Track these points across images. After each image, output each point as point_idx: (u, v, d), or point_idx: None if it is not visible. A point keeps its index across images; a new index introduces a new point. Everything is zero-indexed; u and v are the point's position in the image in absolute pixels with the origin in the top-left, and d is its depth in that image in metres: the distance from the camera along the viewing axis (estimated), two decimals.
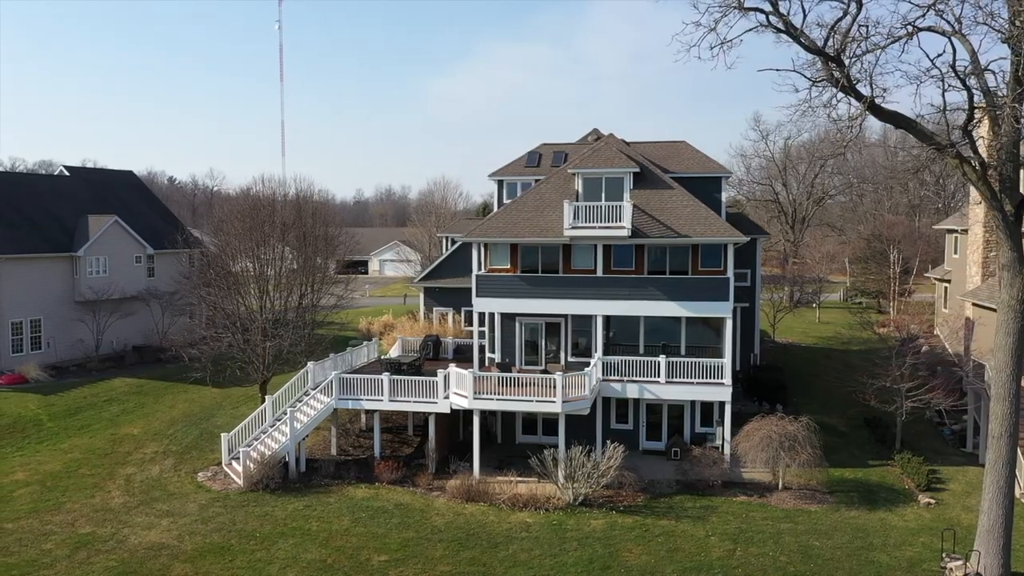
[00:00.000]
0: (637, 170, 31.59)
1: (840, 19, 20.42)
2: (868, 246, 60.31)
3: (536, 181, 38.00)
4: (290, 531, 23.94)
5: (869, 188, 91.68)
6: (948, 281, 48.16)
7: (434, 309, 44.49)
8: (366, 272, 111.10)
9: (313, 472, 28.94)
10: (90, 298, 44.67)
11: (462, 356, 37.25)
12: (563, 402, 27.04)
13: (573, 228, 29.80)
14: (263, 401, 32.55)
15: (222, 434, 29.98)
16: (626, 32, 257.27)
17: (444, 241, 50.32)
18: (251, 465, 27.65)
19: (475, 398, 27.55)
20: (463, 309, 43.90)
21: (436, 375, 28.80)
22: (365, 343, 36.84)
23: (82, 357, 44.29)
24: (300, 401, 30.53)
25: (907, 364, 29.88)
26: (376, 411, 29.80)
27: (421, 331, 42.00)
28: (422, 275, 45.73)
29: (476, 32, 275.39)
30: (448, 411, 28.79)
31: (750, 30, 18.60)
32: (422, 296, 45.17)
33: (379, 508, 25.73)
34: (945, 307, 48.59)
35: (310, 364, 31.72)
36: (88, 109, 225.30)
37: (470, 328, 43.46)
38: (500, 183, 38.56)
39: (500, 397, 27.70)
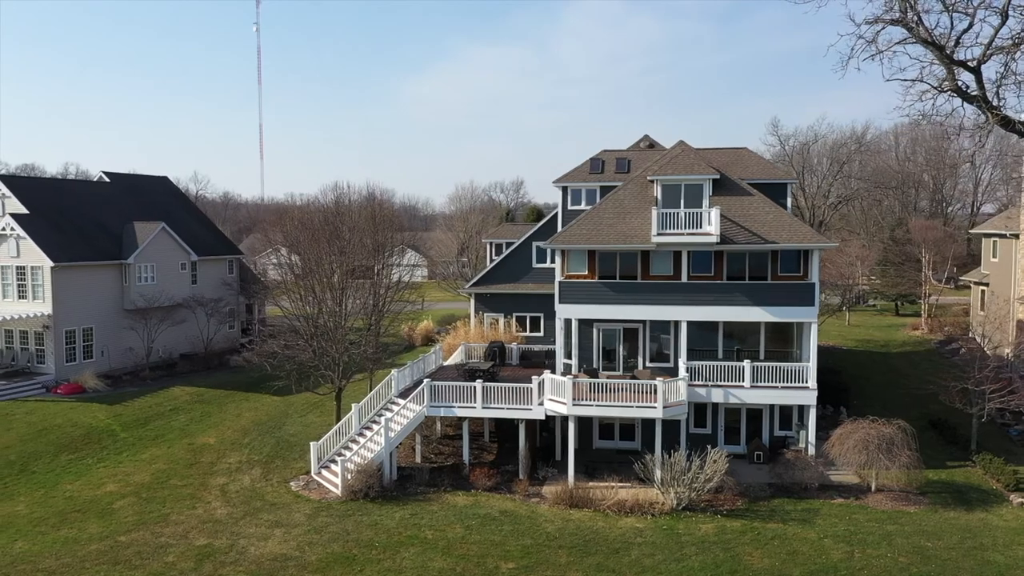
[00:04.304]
0: (717, 177, 31.94)
1: (966, 30, 20.95)
2: (898, 249, 61.07)
3: (601, 188, 38.39)
4: (407, 540, 23.95)
5: (876, 195, 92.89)
6: (986, 284, 48.98)
7: (484, 315, 44.66)
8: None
9: (406, 480, 28.94)
10: (141, 306, 44.28)
11: (528, 362, 37.49)
12: (664, 407, 27.28)
13: (660, 235, 30.02)
14: (338, 409, 32.58)
15: (311, 443, 29.89)
16: (600, 34, 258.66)
17: (488, 247, 50.48)
18: (348, 475, 27.59)
19: (574, 404, 27.72)
20: (514, 314, 44.25)
21: (530, 381, 28.94)
22: (434, 350, 36.89)
23: (133, 366, 43.89)
24: (387, 409, 30.50)
25: (991, 367, 30.45)
26: (466, 418, 29.87)
27: (476, 337, 42.10)
28: (472, 281, 45.88)
29: (452, 33, 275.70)
30: (543, 418, 28.96)
31: (899, 42, 18.99)
32: (472, 302, 45.33)
33: (486, 515, 25.80)
34: (982, 310, 49.34)
35: (394, 371, 31.71)
36: (59, 111, 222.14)
37: (521, 333, 43.88)
38: (564, 189, 38.79)
39: (599, 403, 27.88)
